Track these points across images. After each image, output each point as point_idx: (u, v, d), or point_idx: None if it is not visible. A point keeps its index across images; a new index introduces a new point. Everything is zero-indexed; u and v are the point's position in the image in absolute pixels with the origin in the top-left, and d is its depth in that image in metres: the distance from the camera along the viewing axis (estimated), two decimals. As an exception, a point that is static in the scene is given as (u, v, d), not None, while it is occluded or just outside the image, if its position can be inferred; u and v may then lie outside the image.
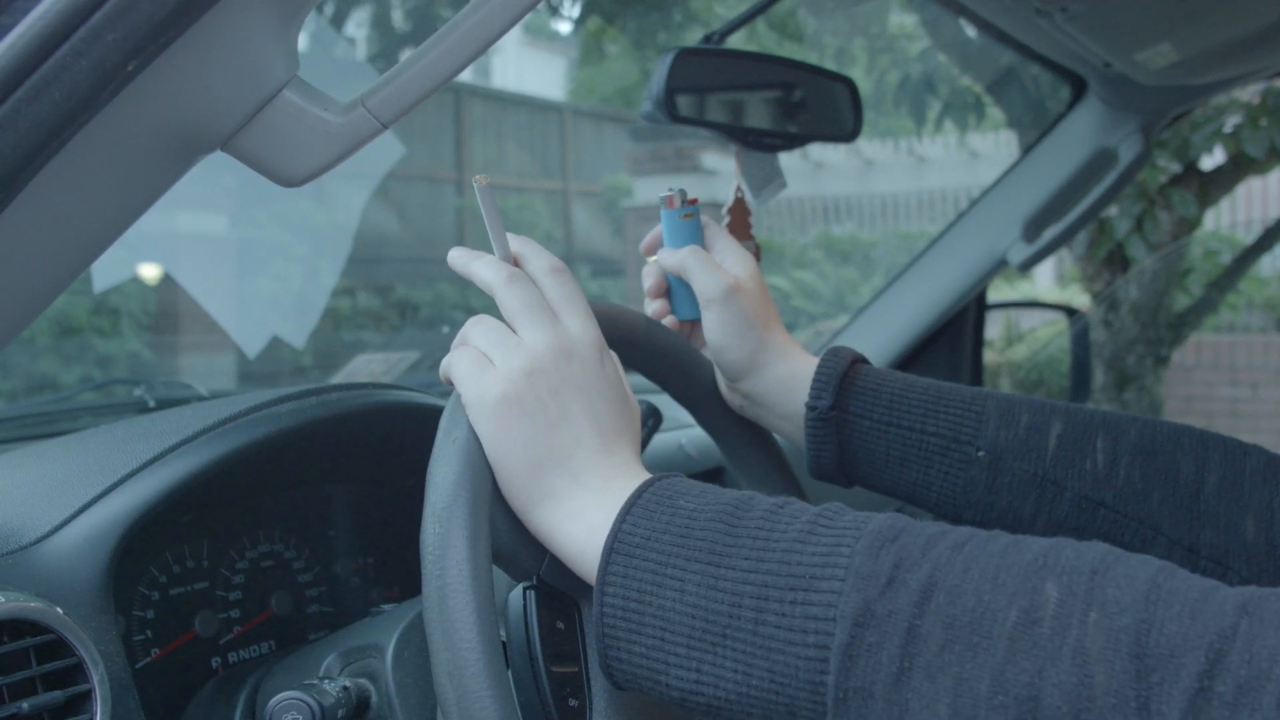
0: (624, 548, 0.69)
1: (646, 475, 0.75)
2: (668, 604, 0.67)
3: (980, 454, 0.91)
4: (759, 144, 1.36)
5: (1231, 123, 3.83)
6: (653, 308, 1.08)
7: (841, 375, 0.97)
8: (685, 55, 1.34)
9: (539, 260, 0.83)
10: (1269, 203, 8.62)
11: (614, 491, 0.74)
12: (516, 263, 0.83)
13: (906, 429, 0.93)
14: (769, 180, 1.39)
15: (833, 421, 0.96)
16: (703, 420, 1.09)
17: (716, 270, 1.01)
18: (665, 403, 1.22)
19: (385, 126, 0.78)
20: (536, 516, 0.75)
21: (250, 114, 0.74)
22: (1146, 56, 1.78)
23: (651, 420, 1.23)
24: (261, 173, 0.77)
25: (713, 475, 1.59)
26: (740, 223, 1.37)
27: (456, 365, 0.78)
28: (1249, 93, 3.78)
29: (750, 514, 0.68)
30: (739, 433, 1.09)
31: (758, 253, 1.34)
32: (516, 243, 0.84)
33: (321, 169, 0.78)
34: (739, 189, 1.35)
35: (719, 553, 0.66)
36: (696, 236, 1.05)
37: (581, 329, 0.80)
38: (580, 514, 0.73)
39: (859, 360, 1.00)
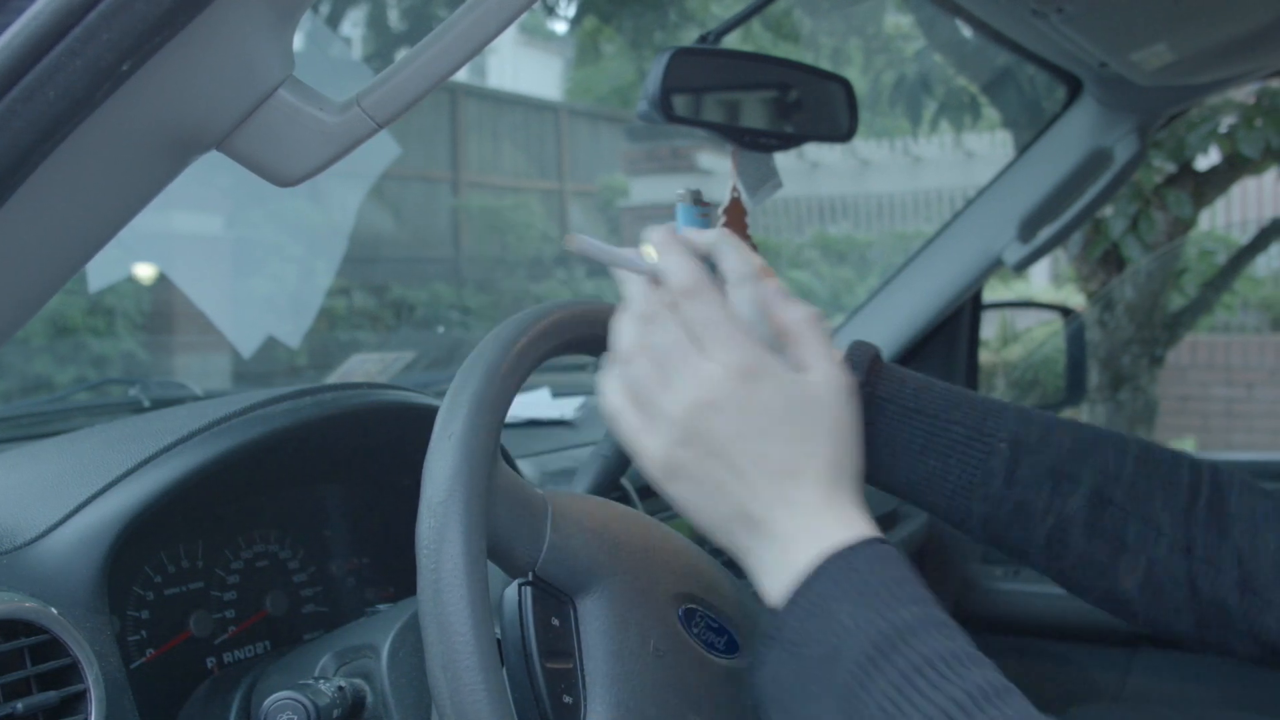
0: (778, 645, 0.70)
1: (829, 540, 0.71)
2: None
3: (1003, 445, 0.91)
4: (754, 144, 1.36)
5: (1227, 123, 3.83)
6: None
7: (869, 361, 0.97)
8: (681, 55, 1.34)
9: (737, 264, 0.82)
10: (1264, 203, 8.63)
11: (789, 559, 0.72)
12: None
13: (931, 417, 0.93)
14: (765, 180, 1.39)
15: (860, 402, 0.96)
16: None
17: (747, 251, 1.01)
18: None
19: (381, 126, 0.78)
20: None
21: (245, 113, 0.74)
22: (1142, 56, 1.78)
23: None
24: (256, 172, 0.77)
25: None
26: (736, 222, 1.37)
27: (617, 417, 0.78)
28: (1244, 93, 3.78)
29: (891, 666, 0.65)
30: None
31: (755, 253, 1.34)
32: (714, 236, 0.84)
33: (317, 169, 0.78)
34: (735, 189, 1.35)
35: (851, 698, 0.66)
36: None
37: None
38: (762, 570, 0.74)
39: (878, 355, 1.01)
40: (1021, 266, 2.13)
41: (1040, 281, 8.91)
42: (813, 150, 10.38)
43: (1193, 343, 7.29)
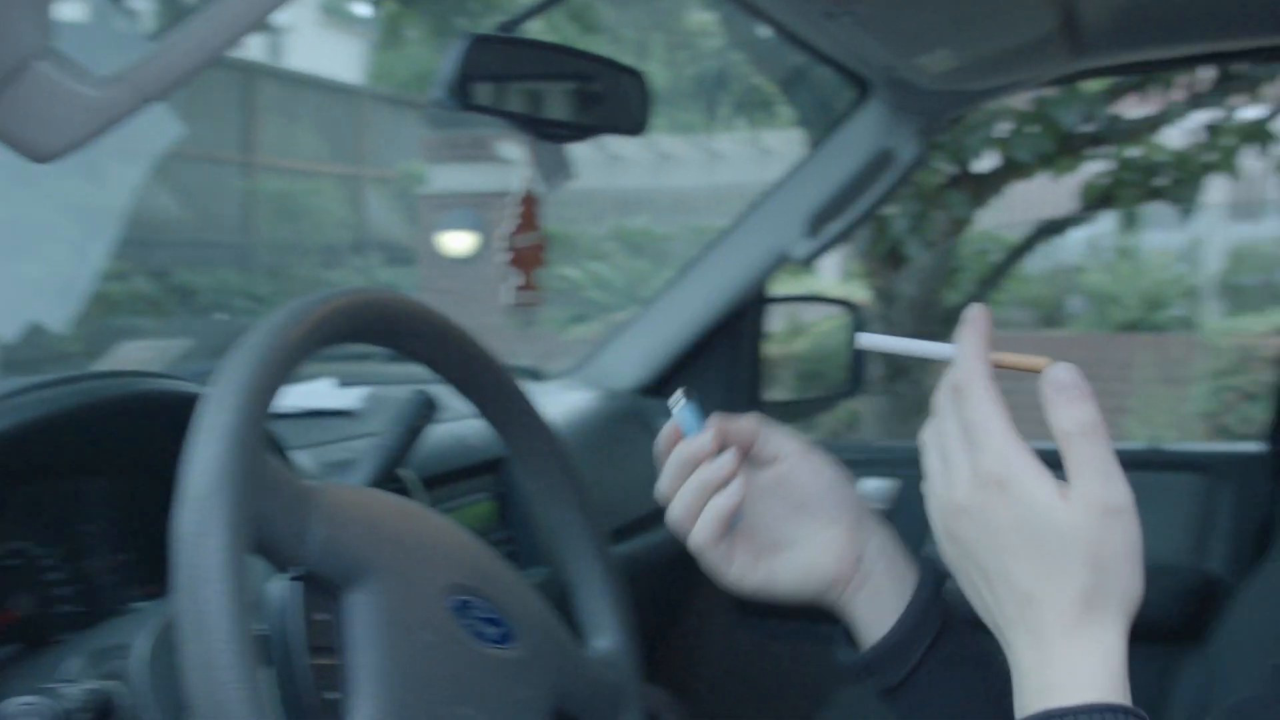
0: None
1: (1056, 691, 0.68)
2: None
3: None
4: (549, 134, 1.35)
5: (1003, 128, 4.02)
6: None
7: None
8: (480, 42, 1.32)
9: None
10: (1037, 205, 9.10)
11: (1022, 692, 0.70)
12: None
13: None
14: (559, 170, 1.38)
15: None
16: (485, 411, 1.07)
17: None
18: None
19: (148, 101, 0.74)
20: None
21: (-6, 86, 0.70)
22: (926, 61, 1.84)
23: (428, 411, 1.21)
24: (11, 147, 0.73)
25: (493, 466, 1.57)
26: (530, 213, 1.36)
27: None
28: (1020, 100, 3.98)
29: None
30: (522, 424, 1.08)
31: (544, 244, 1.33)
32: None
33: (76, 144, 0.74)
34: (529, 178, 1.34)
35: None
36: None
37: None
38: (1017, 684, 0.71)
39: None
40: (808, 261, 2.19)
41: (830, 276, 9.20)
42: (613, 142, 10.43)
43: (969, 338, 7.64)
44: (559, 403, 2.11)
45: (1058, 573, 0.68)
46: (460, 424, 1.53)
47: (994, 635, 0.73)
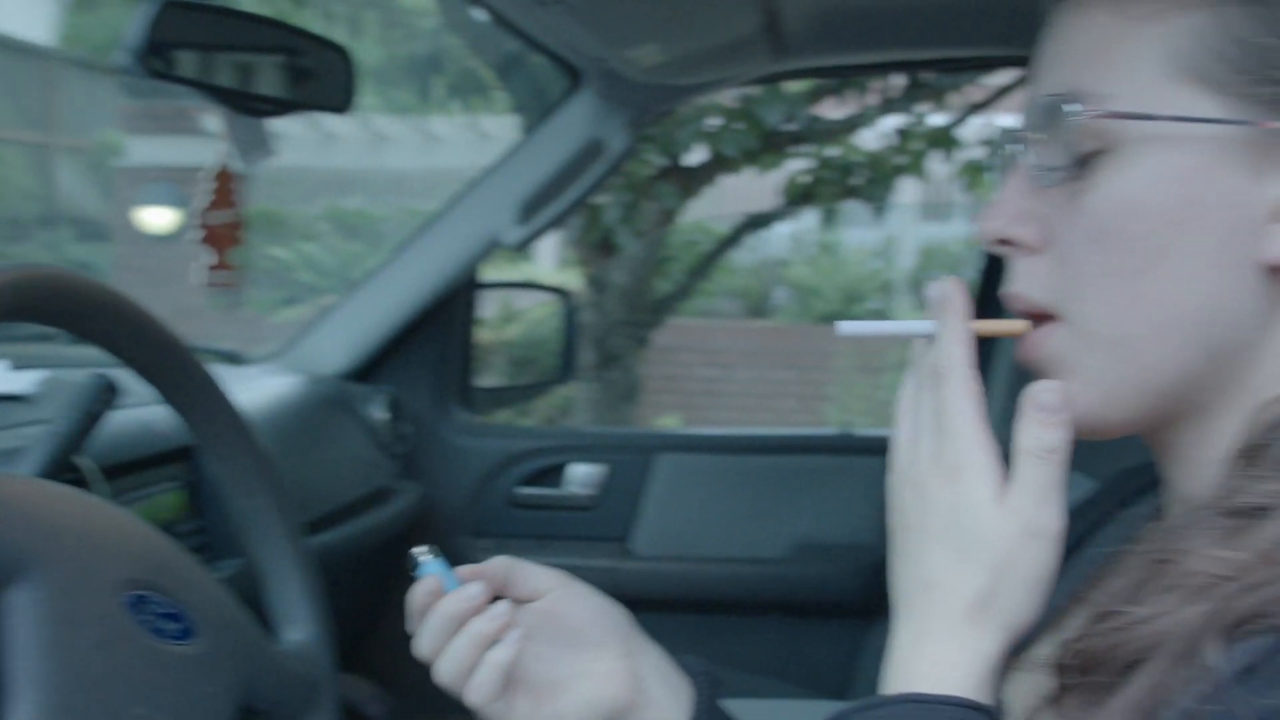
0: None
1: (926, 677, 0.68)
2: None
3: None
4: (247, 108, 1.30)
5: (711, 123, 4.15)
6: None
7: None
8: (171, 7, 1.25)
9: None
10: (748, 199, 9.44)
11: (890, 668, 0.71)
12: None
13: None
14: (258, 146, 1.33)
15: None
16: (167, 395, 1.02)
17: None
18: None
19: None
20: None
21: None
22: (636, 54, 1.88)
23: (107, 395, 1.14)
24: None
25: (183, 454, 1.50)
26: (226, 190, 1.31)
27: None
28: (728, 96, 4.12)
29: None
30: (208, 409, 1.03)
31: (241, 222, 1.28)
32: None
33: None
34: (224, 153, 1.29)
35: None
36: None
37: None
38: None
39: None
40: (519, 247, 2.20)
41: (547, 263, 9.26)
42: (327, 121, 10.13)
43: (679, 326, 7.87)
44: (259, 388, 2.04)
45: (963, 570, 0.69)
46: (147, 410, 1.45)
47: None
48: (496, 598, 0.89)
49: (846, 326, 0.76)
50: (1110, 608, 0.66)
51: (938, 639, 0.69)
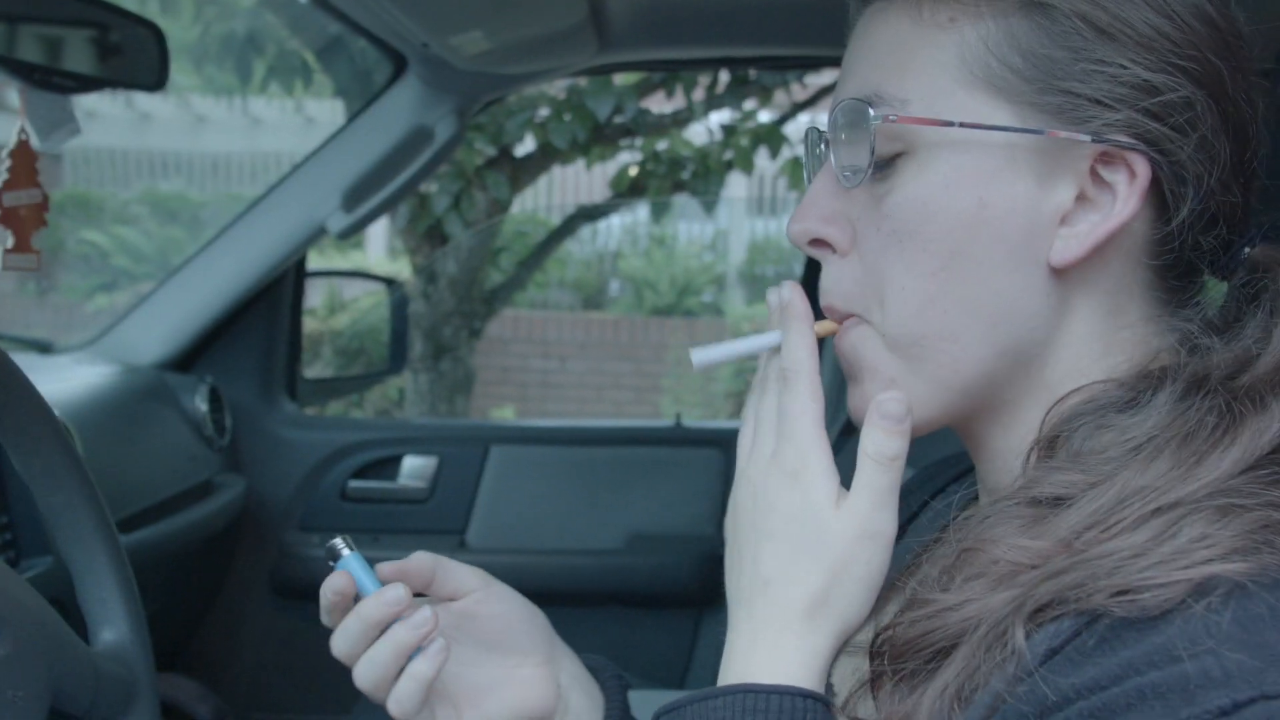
0: None
1: (760, 670, 0.70)
2: None
3: None
4: (47, 84, 1.24)
5: (542, 114, 4.14)
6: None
7: None
8: (-39, -25, 1.19)
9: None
10: (586, 191, 9.46)
11: (725, 664, 0.72)
12: None
13: None
14: (60, 124, 1.27)
15: None
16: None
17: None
18: None
19: None
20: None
21: None
22: (460, 41, 1.86)
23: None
24: None
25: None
26: (25, 169, 1.24)
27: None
28: (557, 88, 4.11)
29: None
30: (10, 401, 0.99)
31: (45, 204, 1.23)
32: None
33: None
34: (23, 131, 1.23)
35: None
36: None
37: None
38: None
39: None
40: (345, 235, 2.16)
41: (377, 252, 9.11)
42: (144, 100, 9.75)
43: (514, 317, 7.84)
44: (71, 378, 1.96)
45: (800, 570, 0.71)
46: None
47: None
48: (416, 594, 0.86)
49: (699, 356, 0.77)
50: (921, 595, 0.69)
51: (775, 634, 0.71)
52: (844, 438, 2.12)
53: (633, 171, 4.46)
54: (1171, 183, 0.70)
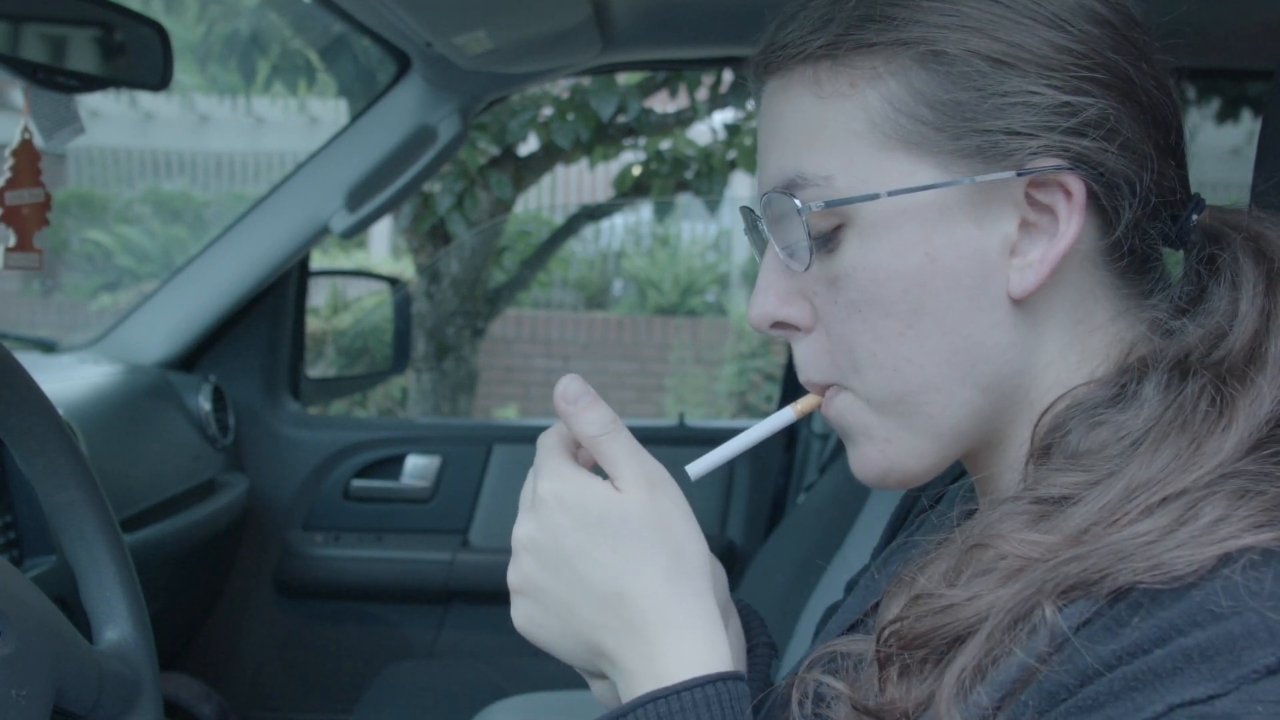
0: None
1: (661, 675, 0.69)
2: None
3: None
4: (51, 83, 1.24)
5: (545, 114, 4.14)
6: None
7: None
8: (-36, -25, 1.19)
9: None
10: (581, 190, 9.47)
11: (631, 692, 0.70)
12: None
13: None
14: (64, 123, 1.28)
15: None
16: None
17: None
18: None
19: None
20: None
21: None
22: (464, 41, 1.87)
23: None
24: None
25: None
26: (28, 168, 1.25)
27: None
28: (560, 87, 4.11)
29: None
30: (13, 399, 0.99)
31: (48, 203, 1.23)
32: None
33: None
34: (27, 129, 1.23)
35: None
36: None
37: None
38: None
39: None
40: (348, 235, 2.16)
41: (380, 252, 9.11)
42: (147, 100, 9.76)
43: (517, 317, 7.85)
44: (74, 377, 1.96)
45: (636, 558, 0.71)
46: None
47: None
48: None
49: (695, 468, 0.78)
50: (928, 590, 0.69)
51: (660, 634, 0.70)
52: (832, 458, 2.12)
53: (636, 171, 4.46)
54: (1107, 193, 0.70)
